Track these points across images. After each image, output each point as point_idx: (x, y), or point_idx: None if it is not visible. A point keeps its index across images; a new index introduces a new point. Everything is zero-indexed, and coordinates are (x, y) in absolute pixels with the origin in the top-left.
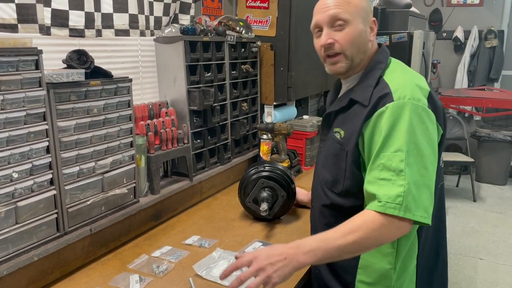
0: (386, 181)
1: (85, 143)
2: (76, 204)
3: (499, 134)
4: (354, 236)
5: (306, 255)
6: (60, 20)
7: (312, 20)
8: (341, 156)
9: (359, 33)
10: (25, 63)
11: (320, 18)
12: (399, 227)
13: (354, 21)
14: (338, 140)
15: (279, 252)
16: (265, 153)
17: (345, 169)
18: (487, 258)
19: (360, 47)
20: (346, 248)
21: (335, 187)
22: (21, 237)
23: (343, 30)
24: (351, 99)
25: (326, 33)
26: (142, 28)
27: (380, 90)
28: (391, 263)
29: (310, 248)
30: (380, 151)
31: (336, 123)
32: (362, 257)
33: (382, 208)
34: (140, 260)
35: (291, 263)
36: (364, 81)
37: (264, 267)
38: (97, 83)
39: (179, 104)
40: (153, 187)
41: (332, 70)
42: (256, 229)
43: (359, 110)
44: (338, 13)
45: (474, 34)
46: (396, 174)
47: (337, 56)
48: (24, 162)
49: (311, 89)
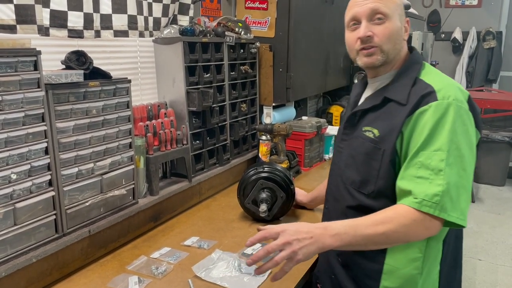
0: (423, 179)
1: (84, 144)
2: (75, 205)
3: (497, 135)
4: (384, 227)
5: (332, 238)
6: (59, 21)
7: (347, 13)
8: (374, 155)
9: (397, 30)
10: (23, 64)
11: (360, 10)
12: (429, 227)
13: (393, 17)
14: (371, 139)
15: (306, 230)
16: (264, 154)
17: (378, 168)
18: (486, 259)
19: (397, 43)
20: (373, 238)
21: (364, 188)
22: (20, 239)
23: (383, 24)
24: (385, 97)
25: (366, 26)
26: (141, 29)
27: (421, 89)
28: (418, 268)
29: (337, 231)
30: (420, 149)
31: (365, 122)
32: (387, 262)
33: (417, 205)
34: (139, 261)
35: (316, 243)
36: (400, 80)
37: (291, 241)
38: (96, 84)
39: (178, 105)
40: (152, 188)
41: (367, 62)
42: (255, 230)
43: (395, 108)
44: (379, 6)
45: (472, 35)
46: (435, 173)
47: (372, 48)
48: (22, 163)
49: (310, 90)
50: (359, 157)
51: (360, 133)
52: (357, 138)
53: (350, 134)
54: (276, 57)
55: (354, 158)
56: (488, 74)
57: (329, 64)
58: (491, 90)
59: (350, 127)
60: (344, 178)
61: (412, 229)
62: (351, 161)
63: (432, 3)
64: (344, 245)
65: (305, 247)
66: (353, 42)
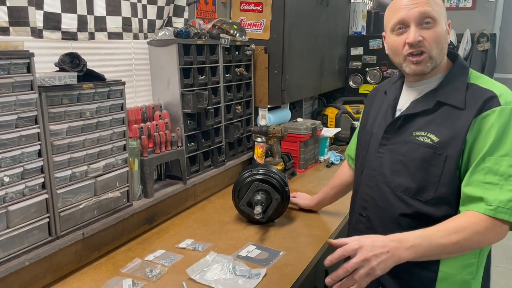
0: (492, 185)
1: (77, 147)
2: (68, 208)
3: None
4: (457, 236)
5: (408, 251)
6: (52, 23)
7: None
8: (434, 161)
9: (444, 34)
10: (16, 66)
11: (409, 14)
12: (500, 232)
13: (441, 20)
14: (429, 145)
15: (382, 244)
16: (259, 156)
17: (440, 175)
18: None
19: (444, 47)
20: (447, 248)
21: (422, 195)
22: (13, 242)
23: (432, 29)
24: (438, 101)
25: (415, 30)
26: (136, 31)
27: (480, 93)
28: (472, 273)
29: (412, 243)
30: (487, 155)
31: (415, 127)
32: (442, 269)
33: (492, 212)
34: (133, 264)
35: (393, 257)
36: (451, 84)
37: (370, 258)
38: (90, 86)
39: (172, 107)
40: (146, 191)
41: (417, 70)
42: (250, 232)
43: (452, 113)
44: (429, 11)
45: (466, 38)
46: (504, 178)
47: (422, 55)
48: (15, 166)
49: (305, 92)
50: (412, 163)
51: (410, 138)
52: (407, 143)
53: (392, 139)
54: (271, 59)
55: (405, 164)
56: None
57: (324, 66)
58: None
59: (392, 131)
60: (394, 186)
61: (486, 235)
62: (400, 168)
63: None
64: (418, 257)
65: (383, 262)
66: (400, 46)
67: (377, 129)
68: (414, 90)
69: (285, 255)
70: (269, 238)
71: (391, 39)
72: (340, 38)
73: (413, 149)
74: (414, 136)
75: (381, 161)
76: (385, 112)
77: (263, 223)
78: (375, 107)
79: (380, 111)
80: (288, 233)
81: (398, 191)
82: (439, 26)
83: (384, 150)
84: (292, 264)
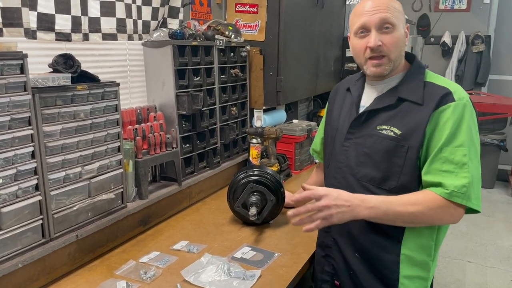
0: (449, 172)
1: (71, 148)
2: (62, 209)
3: (486, 138)
4: (413, 208)
5: (367, 210)
6: (46, 24)
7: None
8: (397, 152)
9: (402, 38)
10: (10, 67)
11: (370, 19)
12: (453, 214)
13: (399, 25)
14: (393, 137)
15: (346, 198)
16: (254, 157)
17: (402, 165)
18: (476, 260)
19: (402, 50)
20: (403, 216)
21: (385, 184)
22: (5, 244)
23: (391, 34)
24: (399, 97)
25: (375, 35)
26: (130, 32)
27: (437, 90)
28: (430, 255)
29: (373, 205)
30: (444, 145)
31: (378, 121)
32: (403, 252)
33: (447, 195)
34: (127, 266)
35: (352, 212)
36: (410, 82)
37: (330, 205)
38: (84, 88)
39: (167, 108)
40: (141, 192)
41: (376, 72)
42: (245, 234)
43: (411, 108)
44: (389, 17)
45: (461, 39)
46: (459, 167)
47: (382, 58)
48: (8, 167)
49: (301, 93)
50: (377, 155)
51: (375, 131)
52: (371, 137)
53: (357, 133)
54: (266, 60)
55: (369, 156)
56: (477, 78)
57: (319, 67)
58: (480, 93)
59: (357, 126)
60: (360, 176)
61: (437, 213)
62: (365, 159)
63: (421, 7)
64: (375, 218)
65: (341, 213)
66: (362, 50)
67: (342, 125)
68: (376, 88)
69: (280, 256)
70: (264, 240)
71: (354, 42)
72: (335, 40)
73: (377, 142)
74: (378, 130)
75: (346, 154)
76: (349, 108)
77: (258, 224)
78: (338, 104)
79: (344, 108)
80: (283, 235)
81: (363, 181)
82: (397, 31)
83: (350, 143)
84: (287, 265)
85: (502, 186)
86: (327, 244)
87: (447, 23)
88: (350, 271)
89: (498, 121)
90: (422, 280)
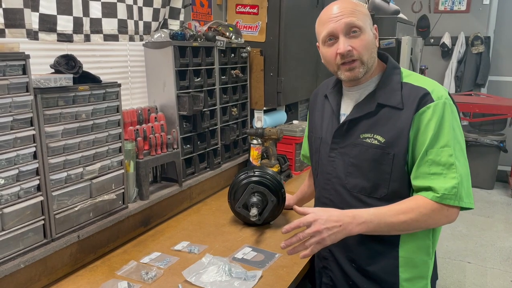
0: (437, 175)
1: (73, 149)
2: (63, 210)
3: (486, 138)
4: (405, 216)
5: (359, 226)
6: (48, 25)
7: (321, 29)
8: (384, 160)
9: (371, 40)
10: (12, 68)
11: (336, 26)
12: (448, 215)
13: (366, 28)
14: (377, 145)
15: (336, 219)
16: (255, 158)
17: (390, 172)
18: (475, 261)
19: (373, 52)
20: (396, 226)
21: (376, 192)
22: (7, 244)
23: (359, 37)
24: (378, 103)
25: (344, 41)
26: (131, 33)
27: (414, 92)
28: (429, 254)
29: (364, 220)
30: (428, 148)
31: (360, 129)
32: (401, 255)
33: (439, 199)
34: (128, 266)
35: (344, 231)
36: (386, 85)
37: (321, 230)
38: (86, 88)
39: (168, 109)
40: (142, 193)
41: (351, 76)
42: (246, 234)
43: (392, 113)
44: (354, 21)
45: (461, 40)
46: (447, 168)
47: (354, 62)
48: (10, 168)
49: (301, 94)
50: (364, 164)
51: (358, 140)
52: (356, 146)
53: (342, 143)
54: (267, 61)
55: (357, 166)
56: (477, 79)
57: (319, 68)
58: (479, 94)
59: (340, 136)
60: (350, 187)
61: (432, 218)
62: (353, 169)
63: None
64: (368, 232)
65: (334, 234)
66: (333, 57)
67: (325, 134)
68: (354, 94)
69: (281, 257)
70: (265, 240)
71: (324, 51)
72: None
73: (363, 151)
74: (361, 139)
75: (333, 165)
76: (330, 117)
77: (258, 225)
78: (318, 111)
79: (325, 116)
80: (284, 235)
81: (354, 192)
82: (365, 34)
83: (335, 154)
84: (287, 266)
85: (502, 187)
86: (324, 255)
87: (447, 24)
88: (349, 282)
89: (497, 122)
90: (421, 279)
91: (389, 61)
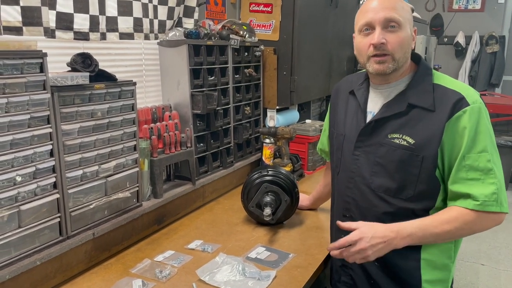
0: (475, 180)
1: (88, 147)
2: (79, 208)
3: (500, 139)
4: (450, 226)
5: (404, 240)
6: (65, 23)
7: (360, 18)
8: (412, 162)
9: (407, 38)
10: (29, 66)
11: (375, 17)
12: (494, 219)
13: (405, 25)
14: (406, 147)
15: (381, 235)
16: (267, 157)
17: (418, 174)
18: (489, 263)
19: (406, 52)
20: (440, 235)
21: (402, 194)
22: (24, 241)
23: (396, 33)
24: (409, 104)
25: (380, 32)
26: (146, 32)
27: (449, 95)
28: (451, 257)
29: (409, 233)
30: (465, 153)
31: (388, 129)
32: (423, 257)
33: (480, 206)
34: (143, 264)
35: (388, 246)
36: (418, 86)
37: (366, 248)
38: (101, 87)
39: (182, 107)
40: (156, 191)
41: (379, 69)
42: (259, 234)
43: (423, 115)
44: (393, 15)
45: (475, 39)
46: (485, 173)
47: (385, 56)
48: (27, 165)
49: (314, 94)
50: (391, 165)
51: (386, 140)
52: (383, 146)
53: (367, 141)
54: (280, 60)
55: (383, 166)
56: (491, 79)
57: (332, 67)
58: (494, 94)
59: (366, 134)
60: (374, 187)
61: (477, 224)
62: (379, 169)
63: (435, 7)
64: (413, 243)
65: (378, 250)
66: (365, 47)
67: (350, 132)
68: (382, 92)
69: (295, 257)
70: (278, 240)
71: (358, 40)
72: (349, 39)
73: (390, 151)
74: (389, 139)
75: (357, 163)
76: (355, 114)
77: (272, 224)
78: (341, 107)
79: (348, 112)
80: (298, 235)
81: (379, 192)
82: (403, 31)
83: (360, 152)
84: (302, 266)
85: None
86: None
87: (461, 23)
88: (370, 280)
89: None
90: (443, 282)
91: (422, 62)
